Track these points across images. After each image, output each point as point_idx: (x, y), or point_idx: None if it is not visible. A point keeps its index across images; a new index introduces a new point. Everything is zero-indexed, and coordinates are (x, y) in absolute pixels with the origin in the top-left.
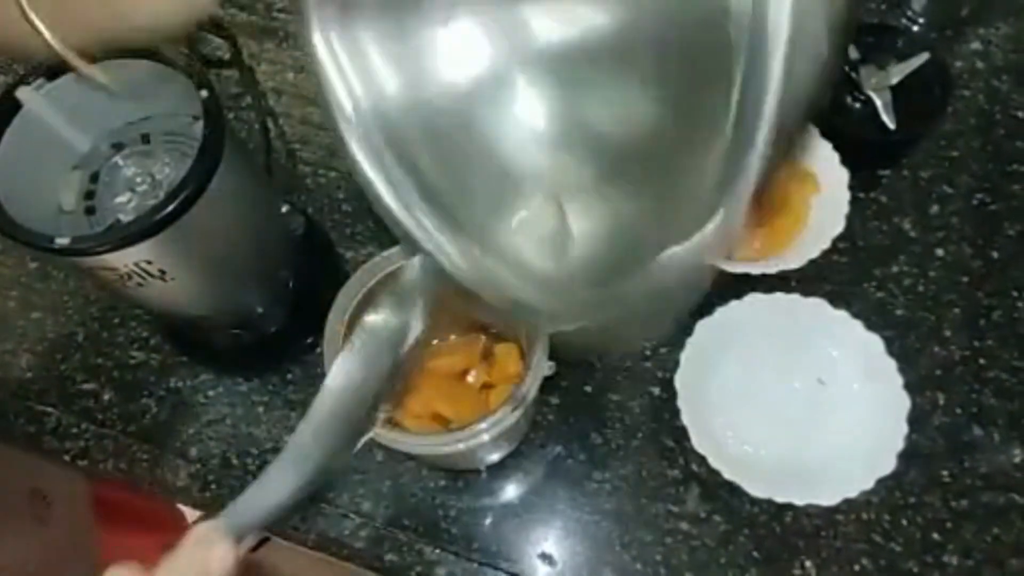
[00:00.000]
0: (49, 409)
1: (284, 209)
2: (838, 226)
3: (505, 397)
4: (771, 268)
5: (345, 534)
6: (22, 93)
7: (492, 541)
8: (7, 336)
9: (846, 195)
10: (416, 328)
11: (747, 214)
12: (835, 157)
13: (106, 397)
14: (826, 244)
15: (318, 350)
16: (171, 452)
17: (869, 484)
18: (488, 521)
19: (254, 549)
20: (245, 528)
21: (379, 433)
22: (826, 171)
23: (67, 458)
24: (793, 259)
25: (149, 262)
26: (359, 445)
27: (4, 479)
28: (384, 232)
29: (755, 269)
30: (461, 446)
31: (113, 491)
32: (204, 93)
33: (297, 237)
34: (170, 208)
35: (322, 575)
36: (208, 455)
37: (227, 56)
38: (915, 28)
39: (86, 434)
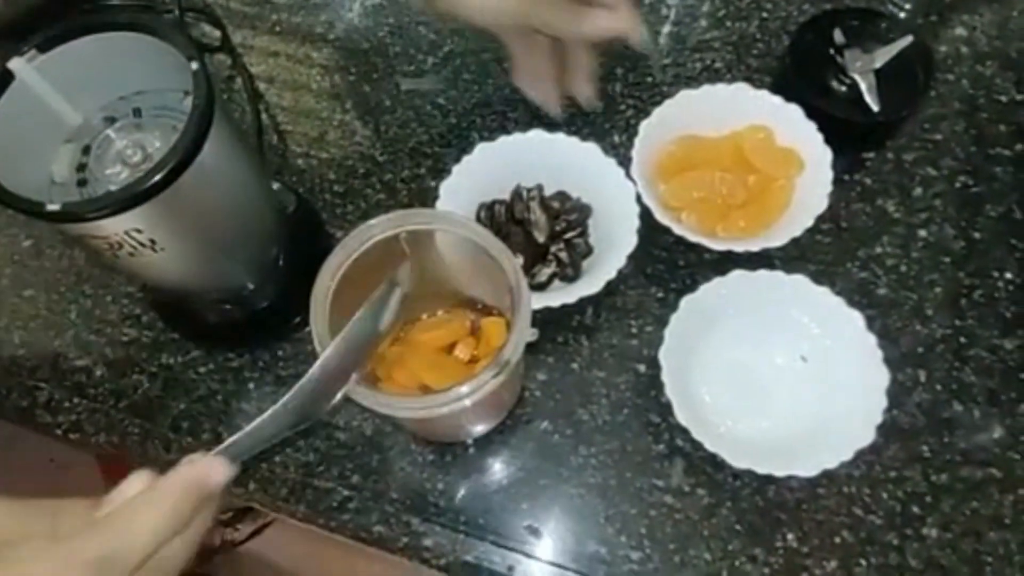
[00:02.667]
0: (42, 384)
1: (275, 187)
2: (821, 205)
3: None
4: (754, 246)
5: (333, 506)
6: (14, 64)
7: (479, 514)
8: (0, 313)
9: (829, 175)
10: (398, 293)
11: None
12: (819, 137)
13: (98, 373)
14: (808, 223)
15: (308, 328)
16: (162, 427)
17: (848, 456)
18: (475, 494)
19: (250, 537)
20: (236, 458)
21: (364, 395)
22: (810, 151)
23: (59, 432)
24: (776, 237)
25: (139, 231)
26: (338, 398)
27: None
28: (374, 212)
29: (739, 246)
30: (444, 410)
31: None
32: (194, 65)
33: (288, 215)
34: (159, 176)
35: (315, 562)
36: (199, 430)
37: (216, 44)
38: (901, 14)
39: (78, 408)
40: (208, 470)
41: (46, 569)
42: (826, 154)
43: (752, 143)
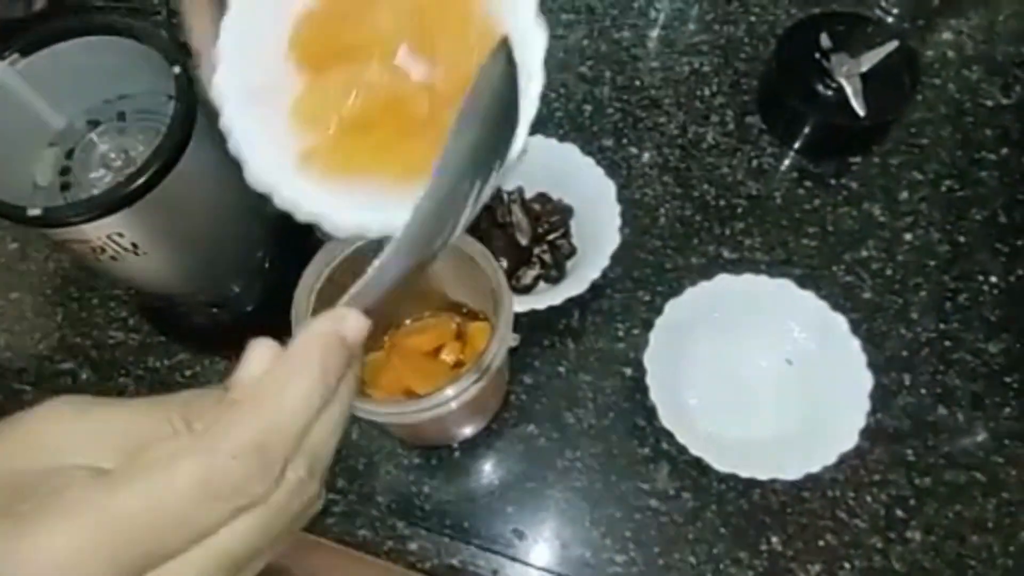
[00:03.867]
0: (27, 387)
1: None
2: None
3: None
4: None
5: (318, 510)
6: None
7: (464, 517)
8: None
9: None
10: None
11: None
12: None
13: (84, 376)
14: None
15: None
16: None
17: (832, 459)
18: (461, 498)
19: None
20: (367, 305)
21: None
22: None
23: None
24: None
25: (121, 235)
26: (459, 231)
27: None
28: None
29: None
30: (427, 415)
31: None
32: (176, 69)
33: (274, 218)
34: (140, 181)
35: (310, 561)
36: None
37: None
38: (888, 19)
39: None
40: (345, 321)
41: (195, 467)
42: None
43: None
